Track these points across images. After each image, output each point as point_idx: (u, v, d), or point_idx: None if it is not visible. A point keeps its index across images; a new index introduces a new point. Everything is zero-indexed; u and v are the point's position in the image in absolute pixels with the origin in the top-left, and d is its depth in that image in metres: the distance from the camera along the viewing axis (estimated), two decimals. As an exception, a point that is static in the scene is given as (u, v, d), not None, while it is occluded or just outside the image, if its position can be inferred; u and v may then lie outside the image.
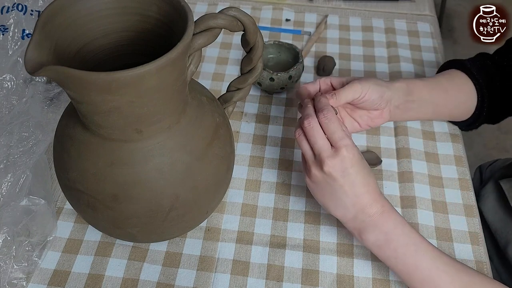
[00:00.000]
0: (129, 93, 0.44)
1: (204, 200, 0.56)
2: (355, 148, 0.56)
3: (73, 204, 0.57)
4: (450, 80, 0.73)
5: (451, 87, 0.72)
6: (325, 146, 0.56)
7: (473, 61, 0.75)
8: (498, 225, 0.78)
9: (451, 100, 0.73)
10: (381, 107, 0.67)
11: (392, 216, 0.56)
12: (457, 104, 0.74)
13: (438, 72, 0.78)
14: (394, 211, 0.57)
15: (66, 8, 0.48)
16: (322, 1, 1.04)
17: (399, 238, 0.56)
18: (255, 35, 0.56)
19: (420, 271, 0.55)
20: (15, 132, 0.64)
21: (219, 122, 0.57)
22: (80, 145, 0.51)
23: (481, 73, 0.72)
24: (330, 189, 0.57)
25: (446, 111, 0.75)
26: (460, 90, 0.73)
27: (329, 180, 0.56)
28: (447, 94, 0.72)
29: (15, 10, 0.77)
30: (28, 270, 0.59)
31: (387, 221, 0.56)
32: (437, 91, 0.71)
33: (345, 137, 0.55)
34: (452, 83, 0.73)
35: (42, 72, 0.40)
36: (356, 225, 0.57)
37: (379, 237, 0.56)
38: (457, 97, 0.73)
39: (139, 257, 0.62)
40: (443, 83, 0.72)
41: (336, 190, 0.56)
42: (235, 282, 0.60)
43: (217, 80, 0.86)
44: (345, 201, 0.56)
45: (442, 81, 0.73)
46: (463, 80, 0.73)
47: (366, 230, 0.57)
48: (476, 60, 0.75)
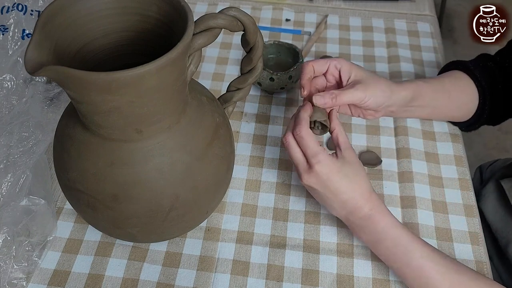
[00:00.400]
0: (129, 93, 0.44)
1: (204, 200, 0.56)
2: (329, 162, 0.57)
3: (73, 204, 0.57)
4: (453, 82, 0.73)
5: (453, 89, 0.72)
6: (300, 161, 0.59)
7: (475, 62, 0.74)
8: (499, 224, 0.78)
9: (453, 102, 0.73)
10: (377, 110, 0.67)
11: (381, 218, 0.58)
12: (459, 105, 0.74)
13: (440, 73, 0.78)
14: (384, 212, 0.58)
15: (66, 8, 0.48)
16: (322, 1, 1.04)
17: (388, 239, 0.57)
18: (255, 35, 0.56)
19: (411, 270, 0.56)
20: (15, 132, 0.64)
21: (219, 122, 0.57)
22: (80, 145, 0.51)
23: (483, 75, 0.72)
24: (317, 195, 0.60)
25: (445, 112, 0.75)
26: (463, 92, 0.73)
27: (312, 188, 0.59)
28: (449, 96, 0.72)
29: (15, 10, 0.77)
30: (28, 270, 0.59)
31: (376, 223, 0.58)
32: (439, 94, 0.71)
33: (318, 153, 0.57)
34: (455, 85, 0.73)
35: (42, 72, 0.40)
36: (349, 224, 0.61)
37: (369, 238, 0.59)
38: (459, 99, 0.73)
39: (139, 257, 0.62)
40: (446, 86, 0.72)
41: (322, 197, 0.59)
42: (235, 282, 0.60)
43: (217, 80, 0.86)
44: (333, 205, 0.59)
45: (446, 83, 0.73)
46: (465, 82, 0.73)
47: (358, 230, 0.60)
48: (479, 61, 0.75)
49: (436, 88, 0.71)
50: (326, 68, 0.65)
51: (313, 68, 0.64)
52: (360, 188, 0.58)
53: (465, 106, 0.74)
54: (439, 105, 0.72)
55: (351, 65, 0.65)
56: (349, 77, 0.65)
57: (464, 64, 0.75)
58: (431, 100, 0.71)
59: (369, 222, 0.58)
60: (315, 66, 0.65)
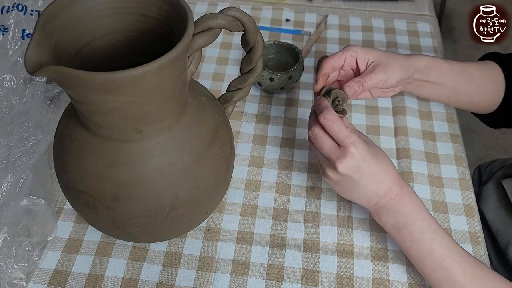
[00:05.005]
0: (129, 93, 0.44)
1: (204, 200, 0.56)
2: (362, 142, 0.56)
3: (73, 204, 0.57)
4: (477, 67, 0.72)
5: (478, 75, 0.72)
6: (332, 148, 0.56)
7: (509, 54, 0.74)
8: (499, 225, 0.78)
9: (476, 86, 0.72)
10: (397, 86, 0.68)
11: (411, 199, 0.57)
12: (483, 91, 0.72)
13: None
14: (413, 194, 0.58)
15: (66, 8, 0.48)
16: (322, 1, 1.04)
17: (417, 223, 0.56)
18: (255, 35, 0.56)
19: (433, 259, 0.55)
20: (15, 132, 0.64)
21: (219, 122, 0.57)
22: (80, 145, 0.51)
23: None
24: (350, 185, 0.57)
25: (469, 96, 0.73)
26: (486, 77, 0.72)
27: (346, 178, 0.56)
28: (472, 81, 0.71)
29: (15, 10, 0.77)
30: (28, 270, 0.59)
31: (406, 204, 0.57)
32: (460, 77, 0.71)
33: (350, 135, 0.55)
34: (479, 70, 0.72)
35: (42, 72, 0.40)
36: (377, 208, 0.58)
37: (398, 219, 0.57)
38: (483, 83, 0.72)
39: (139, 257, 0.62)
40: (471, 71, 0.71)
41: (356, 185, 0.57)
42: (235, 282, 0.60)
43: (217, 80, 0.86)
44: (367, 192, 0.57)
45: (470, 68, 0.72)
46: (492, 68, 0.72)
47: (386, 213, 0.58)
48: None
49: (455, 67, 0.70)
50: (342, 62, 0.65)
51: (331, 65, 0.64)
52: (390, 166, 0.58)
53: (490, 93, 0.72)
54: (461, 88, 0.71)
55: (365, 50, 0.65)
56: (367, 61, 0.65)
57: (495, 53, 0.74)
58: (450, 79, 0.70)
59: (400, 202, 0.56)
60: (333, 63, 0.64)
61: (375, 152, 0.57)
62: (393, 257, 0.63)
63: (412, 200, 0.57)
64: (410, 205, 0.57)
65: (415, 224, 0.56)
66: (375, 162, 0.56)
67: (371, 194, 0.57)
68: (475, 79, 0.71)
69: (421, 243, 0.56)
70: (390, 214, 0.57)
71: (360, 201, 0.59)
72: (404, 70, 0.66)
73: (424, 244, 0.56)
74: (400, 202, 0.57)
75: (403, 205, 0.57)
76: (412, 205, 0.57)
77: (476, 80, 0.71)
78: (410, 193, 0.58)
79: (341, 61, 0.65)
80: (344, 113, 0.60)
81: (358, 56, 0.65)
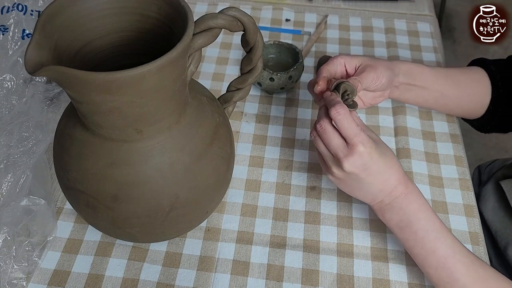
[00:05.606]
0: (129, 93, 0.44)
1: (204, 200, 0.56)
2: (370, 141, 0.55)
3: (73, 204, 0.57)
4: (464, 73, 0.73)
5: (464, 79, 0.72)
6: (340, 145, 0.55)
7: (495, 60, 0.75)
8: (499, 226, 0.78)
9: (462, 93, 0.72)
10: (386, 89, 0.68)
11: (416, 198, 0.57)
12: (470, 95, 0.73)
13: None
14: (418, 192, 0.58)
15: (66, 8, 0.48)
16: (322, 1, 1.04)
17: (421, 221, 0.56)
18: (255, 35, 0.56)
19: (437, 258, 0.55)
20: (15, 132, 0.64)
21: (219, 122, 0.57)
22: (80, 145, 0.51)
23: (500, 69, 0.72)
24: (356, 183, 0.57)
25: (456, 102, 0.74)
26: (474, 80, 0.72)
27: (352, 176, 0.56)
28: (458, 86, 0.71)
29: (15, 10, 0.77)
30: (28, 270, 0.59)
31: (411, 202, 0.57)
32: (444, 81, 0.71)
33: (360, 132, 0.55)
34: (465, 74, 0.72)
35: (42, 72, 0.40)
36: (382, 206, 0.58)
37: (402, 217, 0.57)
38: (469, 87, 0.72)
39: (139, 257, 0.62)
40: (455, 75, 0.72)
41: (362, 183, 0.57)
42: (235, 282, 0.60)
43: (217, 80, 0.86)
44: (372, 190, 0.57)
45: (455, 73, 0.72)
46: (477, 72, 0.72)
47: (390, 211, 0.58)
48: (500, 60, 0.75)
49: (438, 72, 0.71)
50: (336, 68, 0.66)
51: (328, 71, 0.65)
52: (396, 164, 0.58)
53: (478, 97, 0.73)
54: (447, 91, 0.71)
55: (351, 56, 0.67)
56: (355, 65, 0.66)
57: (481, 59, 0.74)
58: (435, 82, 0.70)
59: (405, 201, 0.57)
60: (329, 69, 0.65)
61: (383, 150, 0.57)
62: (393, 257, 0.63)
63: (417, 199, 0.57)
64: (414, 204, 0.57)
65: (419, 223, 0.56)
66: (382, 160, 0.56)
67: (376, 192, 0.57)
68: (461, 83, 0.72)
69: (425, 242, 0.56)
70: (394, 212, 0.57)
71: (364, 199, 0.59)
72: (390, 70, 0.67)
73: (428, 243, 0.56)
74: (405, 200, 0.57)
75: (407, 204, 0.57)
76: (417, 204, 0.57)
77: (462, 84, 0.72)
78: (415, 192, 0.58)
79: (335, 67, 0.66)
80: (355, 106, 0.58)
81: (346, 62, 0.66)
